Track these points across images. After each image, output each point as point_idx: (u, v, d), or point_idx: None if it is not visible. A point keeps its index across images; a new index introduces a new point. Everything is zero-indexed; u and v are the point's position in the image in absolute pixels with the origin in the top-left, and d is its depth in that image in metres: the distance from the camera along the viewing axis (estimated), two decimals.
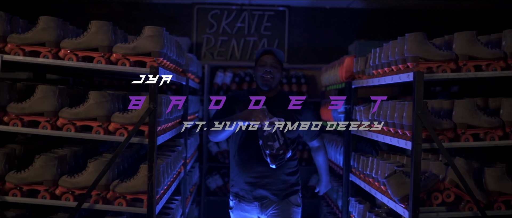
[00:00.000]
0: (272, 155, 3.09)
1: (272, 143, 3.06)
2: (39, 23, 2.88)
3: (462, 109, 2.92)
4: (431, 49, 2.90)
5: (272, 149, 3.07)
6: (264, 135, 3.07)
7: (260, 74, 3.26)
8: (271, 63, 3.26)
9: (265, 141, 3.07)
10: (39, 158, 2.85)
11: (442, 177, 2.98)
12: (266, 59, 3.28)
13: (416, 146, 2.81)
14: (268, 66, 3.25)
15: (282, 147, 3.08)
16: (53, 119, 2.88)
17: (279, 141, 3.07)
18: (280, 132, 3.09)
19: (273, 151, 3.07)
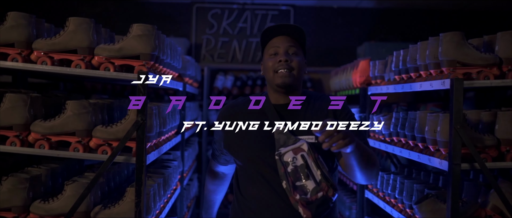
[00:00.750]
0: (306, 202, 1.96)
1: (304, 182, 1.96)
2: (7, 20, 2.44)
3: (507, 122, 2.47)
4: (471, 52, 2.45)
5: (304, 192, 1.96)
6: (287, 171, 1.98)
7: (272, 67, 2.12)
8: (287, 48, 2.13)
9: (291, 181, 1.96)
10: (7, 180, 2.41)
11: (482, 201, 2.54)
12: (277, 42, 2.15)
13: (455, 166, 2.37)
14: (282, 52, 2.12)
15: (321, 187, 1.95)
16: (24, 133, 2.44)
17: (315, 176, 1.97)
18: (315, 161, 1.97)
19: (307, 196, 1.95)
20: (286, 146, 2.01)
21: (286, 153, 1.99)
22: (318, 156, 1.99)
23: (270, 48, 2.16)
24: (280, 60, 2.10)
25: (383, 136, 3.40)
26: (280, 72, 2.10)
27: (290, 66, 2.10)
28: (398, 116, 3.13)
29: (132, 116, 2.42)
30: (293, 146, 2.00)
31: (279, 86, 2.11)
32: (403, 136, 3.04)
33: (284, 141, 2.03)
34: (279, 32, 2.17)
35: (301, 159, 1.98)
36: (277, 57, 2.12)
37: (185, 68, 4.00)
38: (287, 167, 1.98)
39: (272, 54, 2.15)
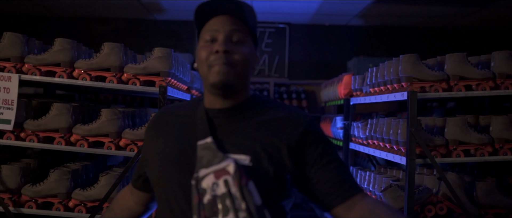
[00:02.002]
0: None
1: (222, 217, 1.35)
2: (55, 45, 3.05)
3: (454, 127, 3.08)
4: (424, 69, 3.07)
5: None
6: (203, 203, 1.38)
7: (206, 60, 1.49)
8: (229, 33, 1.50)
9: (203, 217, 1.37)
10: (54, 172, 3.01)
11: (435, 190, 3.13)
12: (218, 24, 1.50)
13: (410, 161, 2.97)
14: (222, 40, 1.49)
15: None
16: (67, 135, 3.05)
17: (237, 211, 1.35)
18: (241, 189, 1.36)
19: None
20: (209, 166, 1.41)
21: (206, 176, 1.39)
22: (248, 183, 1.38)
23: (207, 32, 1.51)
24: (217, 51, 1.47)
25: (361, 140, 4.00)
26: (216, 67, 1.47)
27: (231, 60, 1.48)
28: (372, 123, 3.73)
29: None
30: (216, 166, 1.40)
31: (214, 87, 1.49)
32: (376, 139, 3.63)
33: (207, 160, 1.42)
34: (221, 10, 1.51)
35: (224, 186, 1.37)
36: (214, 45, 1.49)
37: (193, 81, 4.60)
38: (203, 197, 1.38)
39: (208, 40, 1.51)
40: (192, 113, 1.57)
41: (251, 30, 1.54)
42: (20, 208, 2.99)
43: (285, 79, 7.38)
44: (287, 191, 1.50)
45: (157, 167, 1.53)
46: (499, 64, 3.06)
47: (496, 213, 3.06)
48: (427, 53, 6.90)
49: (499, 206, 3.05)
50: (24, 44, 3.06)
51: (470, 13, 6.47)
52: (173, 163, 1.50)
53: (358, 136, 4.07)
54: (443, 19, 6.97)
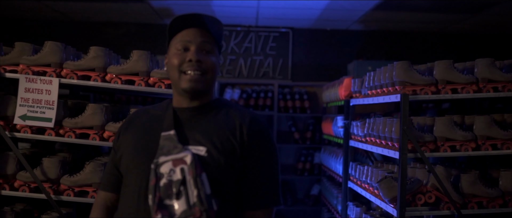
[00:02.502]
0: None
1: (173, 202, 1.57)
2: (90, 52, 3.46)
3: (442, 125, 3.49)
4: (415, 75, 3.48)
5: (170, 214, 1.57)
6: (158, 185, 1.58)
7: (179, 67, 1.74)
8: (201, 44, 1.75)
9: (158, 197, 1.58)
10: (89, 164, 3.42)
11: (425, 182, 3.54)
12: (190, 35, 1.75)
13: (403, 155, 3.38)
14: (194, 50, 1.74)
15: (193, 212, 1.55)
16: (101, 132, 3.45)
17: (189, 197, 1.55)
18: (195, 178, 1.57)
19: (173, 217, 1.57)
20: (168, 155, 1.61)
21: (165, 163, 1.59)
22: (202, 174, 1.58)
23: (179, 42, 1.74)
24: (190, 60, 1.70)
25: (360, 137, 4.41)
26: (188, 73, 1.70)
27: (202, 68, 1.72)
28: (370, 122, 4.14)
29: None
30: (175, 155, 1.59)
31: (186, 91, 1.73)
32: (373, 136, 4.03)
33: (168, 150, 1.63)
34: (192, 23, 1.74)
35: (180, 173, 1.56)
36: (187, 54, 1.71)
37: None
38: (160, 180, 1.58)
39: (180, 49, 1.73)
40: (163, 112, 1.81)
41: (217, 41, 1.81)
42: (59, 195, 3.40)
43: (288, 81, 7.68)
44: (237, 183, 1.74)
45: (125, 156, 1.77)
46: (482, 70, 3.47)
47: (478, 201, 3.46)
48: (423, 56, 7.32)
49: (481, 195, 3.45)
50: (63, 52, 3.46)
51: (464, 19, 6.86)
52: (138, 150, 1.74)
53: (357, 134, 4.48)
54: (439, 25, 7.32)
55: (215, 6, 6.53)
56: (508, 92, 3.43)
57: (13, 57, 3.47)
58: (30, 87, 3.36)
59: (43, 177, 3.40)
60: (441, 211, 3.44)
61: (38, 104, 3.37)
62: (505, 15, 6.47)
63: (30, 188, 3.40)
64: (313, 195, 7.27)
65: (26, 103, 3.36)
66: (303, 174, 7.30)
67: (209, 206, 1.56)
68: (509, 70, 3.55)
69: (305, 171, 7.30)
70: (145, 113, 1.86)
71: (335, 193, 5.54)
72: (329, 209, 6.11)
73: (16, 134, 3.39)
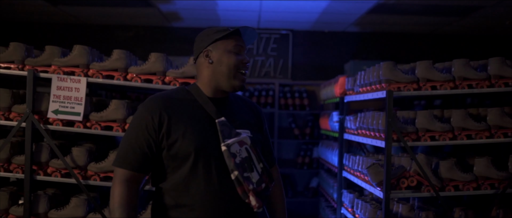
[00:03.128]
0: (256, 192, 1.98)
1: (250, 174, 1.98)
2: (113, 55, 3.93)
3: (422, 118, 3.96)
4: (399, 74, 3.95)
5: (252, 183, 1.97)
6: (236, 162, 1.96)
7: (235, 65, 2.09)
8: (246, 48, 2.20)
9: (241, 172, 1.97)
10: (113, 152, 3.89)
11: (409, 168, 4.00)
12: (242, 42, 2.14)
13: (388, 144, 3.85)
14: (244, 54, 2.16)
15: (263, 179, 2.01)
16: (123, 124, 3.93)
17: (257, 169, 2.01)
18: (256, 154, 2.03)
19: (254, 186, 1.97)
20: (230, 137, 1.97)
21: (233, 144, 1.95)
22: (258, 150, 2.04)
23: (233, 45, 2.07)
24: (247, 62, 2.09)
25: (353, 130, 4.87)
26: (244, 74, 2.09)
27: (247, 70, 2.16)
28: (361, 116, 4.61)
29: None
30: (237, 138, 1.97)
31: (236, 88, 2.08)
32: (364, 129, 4.50)
33: (228, 133, 1.98)
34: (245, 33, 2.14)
35: (246, 152, 1.97)
36: (242, 57, 2.07)
37: None
38: (235, 158, 1.94)
39: (232, 52, 2.06)
40: (191, 99, 2.09)
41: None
42: (87, 180, 3.87)
43: (288, 80, 8.05)
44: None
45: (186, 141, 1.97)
46: (458, 69, 3.93)
47: (455, 184, 3.93)
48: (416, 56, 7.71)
49: (457, 179, 3.92)
50: (89, 54, 3.93)
51: (453, 22, 7.30)
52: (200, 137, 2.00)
53: (350, 127, 4.95)
54: (430, 27, 7.73)
55: (220, 10, 6.98)
56: (480, 89, 3.89)
57: (44, 59, 3.94)
58: (61, 85, 3.83)
59: (72, 164, 3.87)
60: (422, 193, 3.90)
61: (68, 100, 3.84)
62: (489, 17, 6.92)
63: (61, 174, 3.88)
64: (312, 187, 7.71)
65: (57, 99, 3.83)
66: (302, 168, 7.74)
67: (269, 173, 2.05)
68: (483, 69, 4.02)
69: (305, 165, 7.73)
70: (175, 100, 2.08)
71: (331, 183, 6.01)
72: (327, 199, 6.58)
73: (49, 126, 3.86)
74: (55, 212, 3.83)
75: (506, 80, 3.89)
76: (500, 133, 3.91)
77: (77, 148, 3.91)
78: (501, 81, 3.89)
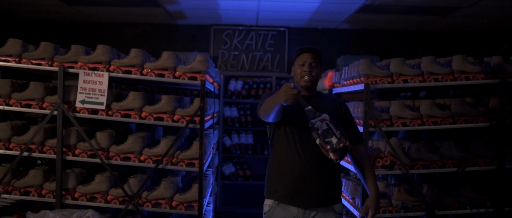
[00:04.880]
0: (334, 150, 2.99)
1: (330, 139, 2.98)
2: (131, 53, 4.58)
3: (395, 107, 4.61)
4: (375, 69, 4.60)
5: (331, 144, 2.98)
6: (319, 133, 2.99)
7: (300, 74, 3.14)
8: (310, 62, 3.14)
9: (322, 139, 2.98)
10: (132, 136, 4.56)
11: (383, 149, 4.66)
12: (304, 57, 3.15)
13: (365, 130, 4.51)
14: (307, 65, 3.13)
15: (341, 140, 2.99)
16: (139, 113, 4.58)
17: (336, 135, 2.99)
18: (334, 126, 3.01)
19: (333, 146, 2.98)
20: (315, 118, 3.01)
21: (316, 122, 3.01)
22: (336, 122, 3.05)
23: (300, 60, 3.17)
24: (305, 70, 3.13)
25: None
26: (304, 78, 3.13)
27: (311, 75, 3.14)
28: None
29: (197, 103, 4.57)
30: (320, 117, 3.01)
31: (303, 87, 3.14)
32: None
33: (313, 115, 3.03)
34: (308, 50, 3.19)
35: (326, 125, 3.00)
36: (304, 67, 3.14)
37: (216, 76, 6.13)
38: (318, 131, 2.99)
39: (300, 64, 3.16)
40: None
41: (320, 59, 3.24)
42: (109, 160, 4.54)
43: (285, 73, 8.43)
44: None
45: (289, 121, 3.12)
46: (426, 65, 4.59)
47: (423, 164, 4.59)
48: (403, 51, 8.25)
49: (425, 159, 4.58)
50: (111, 52, 4.59)
51: (435, 20, 7.84)
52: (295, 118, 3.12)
53: None
54: (415, 24, 8.22)
55: (221, 10, 7.54)
56: (445, 82, 4.55)
57: (70, 56, 4.60)
58: (87, 79, 4.49)
59: (97, 146, 4.54)
60: (395, 171, 4.56)
61: (93, 92, 4.50)
62: (468, 17, 7.53)
63: (87, 155, 4.55)
64: None
65: (84, 91, 4.49)
66: None
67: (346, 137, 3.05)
68: (448, 65, 4.68)
69: None
70: None
71: None
72: None
73: (76, 114, 4.53)
74: (83, 187, 4.50)
75: (467, 74, 4.54)
76: (462, 119, 4.57)
77: (101, 133, 4.57)
78: (462, 75, 4.54)
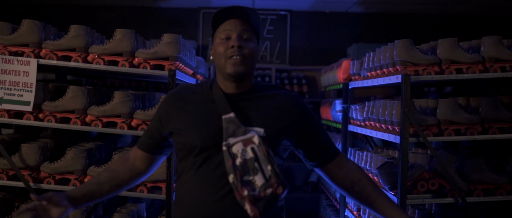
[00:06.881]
0: (254, 199, 1.77)
1: (252, 177, 1.78)
2: (70, 31, 3.25)
3: (445, 107, 3.28)
4: (417, 54, 3.26)
5: (252, 188, 1.77)
6: (235, 165, 1.79)
7: (224, 53, 1.91)
8: (240, 32, 1.92)
9: (239, 175, 1.78)
10: (71, 150, 3.22)
11: (428, 167, 3.34)
12: (229, 26, 1.93)
13: (404, 140, 3.17)
14: (235, 37, 1.91)
15: (270, 183, 1.78)
16: (82, 115, 3.25)
17: (264, 172, 1.78)
18: (266, 155, 1.79)
19: (255, 192, 1.77)
20: (235, 136, 1.81)
21: (235, 144, 1.79)
22: (269, 150, 1.80)
23: (222, 32, 1.92)
24: (233, 46, 1.88)
25: (359, 121, 4.20)
26: (232, 58, 1.88)
27: (243, 53, 1.88)
28: (369, 105, 3.93)
29: None
30: (243, 137, 1.80)
31: (231, 75, 1.89)
32: (373, 120, 3.83)
33: (233, 131, 1.82)
34: (232, 14, 1.93)
35: (251, 152, 1.79)
36: (230, 42, 1.89)
37: (198, 67, 4.79)
38: (235, 160, 1.78)
39: (223, 38, 1.91)
40: (208, 92, 1.94)
41: (255, 30, 1.96)
42: (39, 183, 3.21)
43: (286, 65, 7.57)
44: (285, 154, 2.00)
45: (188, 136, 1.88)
46: (488, 49, 3.25)
47: (485, 188, 3.27)
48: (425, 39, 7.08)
49: (488, 182, 3.25)
50: (42, 31, 3.25)
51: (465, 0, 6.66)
52: (202, 132, 1.87)
53: (356, 118, 4.27)
54: (440, 6, 7.15)
55: None
56: None
57: None
58: (6, 69, 3.16)
59: (21, 164, 3.21)
60: (445, 198, 3.24)
61: (16, 87, 3.17)
62: None
63: (8, 176, 3.21)
64: (312, 182, 7.10)
65: (2, 85, 3.16)
66: (301, 161, 7.09)
67: (283, 175, 1.83)
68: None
69: None
70: (191, 92, 1.98)
71: None
72: (327, 197, 5.93)
73: None
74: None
75: None
76: None
77: (28, 145, 3.24)
78: None
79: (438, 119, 3.29)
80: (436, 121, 3.27)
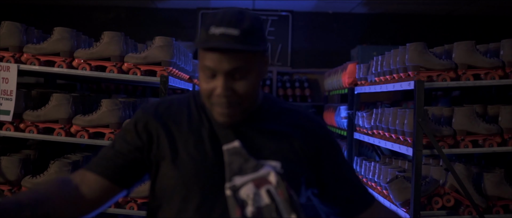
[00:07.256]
0: None
1: None
2: (54, 34, 3.00)
3: (462, 117, 3.02)
4: (431, 58, 3.00)
5: None
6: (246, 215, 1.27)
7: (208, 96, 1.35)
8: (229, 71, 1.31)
9: None
10: (54, 163, 2.97)
11: (442, 182, 3.08)
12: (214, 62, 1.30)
13: (417, 152, 2.92)
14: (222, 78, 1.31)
15: None
16: (67, 126, 3.00)
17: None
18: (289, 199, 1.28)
19: None
20: (243, 174, 1.30)
21: (244, 185, 1.29)
22: (291, 193, 1.29)
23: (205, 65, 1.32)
24: (219, 91, 1.31)
25: (366, 130, 3.94)
26: (219, 109, 1.34)
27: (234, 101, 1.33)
28: (377, 112, 3.67)
29: None
30: (254, 175, 1.30)
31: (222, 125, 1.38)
32: (381, 129, 3.57)
33: (239, 167, 1.31)
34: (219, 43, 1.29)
35: (267, 197, 1.28)
36: (216, 83, 1.32)
37: (194, 71, 4.54)
38: (245, 209, 1.27)
39: (208, 75, 1.33)
40: (198, 110, 1.42)
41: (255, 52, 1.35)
42: None
43: (288, 67, 7.41)
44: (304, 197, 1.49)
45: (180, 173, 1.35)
46: (509, 53, 3.00)
47: (505, 204, 3.01)
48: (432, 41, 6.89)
49: (508, 197, 3.00)
50: (23, 34, 3.00)
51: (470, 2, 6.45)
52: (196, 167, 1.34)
53: (363, 126, 4.02)
54: (448, 6, 6.97)
55: None
56: None
57: None
58: None
59: (1, 179, 2.95)
60: (462, 216, 2.98)
61: None
62: None
63: None
64: None
65: None
66: None
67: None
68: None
69: None
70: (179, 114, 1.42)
71: None
72: None
73: None
74: None
75: None
76: None
77: (8, 158, 2.99)
78: None
79: (454, 129, 3.03)
80: (452, 132, 3.01)
